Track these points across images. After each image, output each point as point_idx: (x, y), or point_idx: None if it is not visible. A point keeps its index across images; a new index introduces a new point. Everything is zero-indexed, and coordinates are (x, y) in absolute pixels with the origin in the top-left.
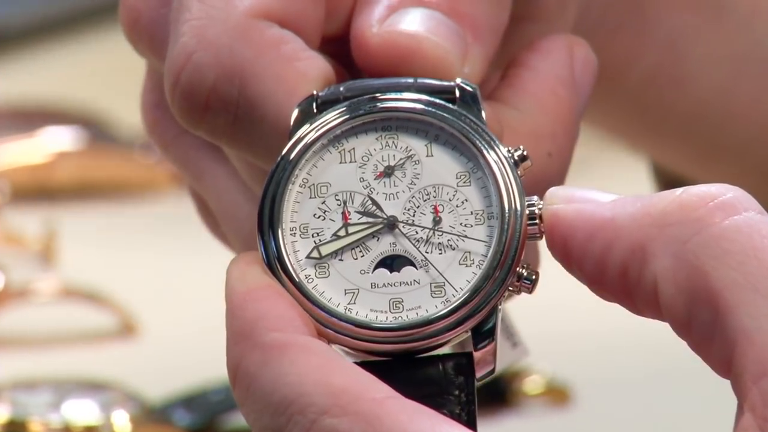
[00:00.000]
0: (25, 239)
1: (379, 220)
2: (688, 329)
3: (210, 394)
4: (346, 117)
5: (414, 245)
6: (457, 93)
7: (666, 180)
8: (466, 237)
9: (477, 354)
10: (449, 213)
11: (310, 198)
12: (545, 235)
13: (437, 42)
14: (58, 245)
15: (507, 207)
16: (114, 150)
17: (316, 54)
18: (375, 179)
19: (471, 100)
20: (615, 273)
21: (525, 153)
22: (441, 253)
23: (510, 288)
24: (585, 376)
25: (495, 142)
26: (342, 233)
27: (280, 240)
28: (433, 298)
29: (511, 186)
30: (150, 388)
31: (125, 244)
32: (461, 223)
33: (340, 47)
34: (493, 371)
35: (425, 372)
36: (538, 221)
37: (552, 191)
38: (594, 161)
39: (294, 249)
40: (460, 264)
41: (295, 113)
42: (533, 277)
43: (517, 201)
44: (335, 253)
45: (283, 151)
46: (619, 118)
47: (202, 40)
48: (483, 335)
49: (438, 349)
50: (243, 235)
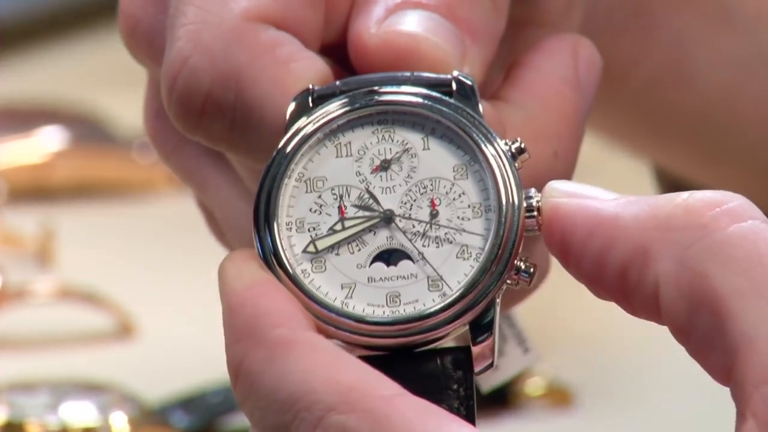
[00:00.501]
0: (23, 239)
1: (376, 214)
2: (688, 334)
3: (208, 395)
4: (342, 111)
5: (411, 239)
6: (454, 86)
7: (669, 184)
8: (463, 230)
9: (475, 348)
10: (446, 206)
11: (306, 192)
12: (543, 229)
13: (436, 42)
14: (55, 245)
15: (504, 200)
16: (112, 150)
17: (312, 54)
18: (371, 173)
19: (468, 93)
20: (614, 272)
21: (522, 145)
22: (438, 247)
23: (508, 281)
24: (586, 377)
25: (492, 134)
26: (338, 227)
27: (276, 235)
28: (431, 291)
29: (509, 179)
30: (148, 389)
31: (123, 244)
32: (458, 217)
33: (337, 54)
34: (492, 365)
35: (423, 367)
36: (536, 214)
37: (553, 184)
38: (596, 167)
39: (290, 243)
40: (457, 257)
41: (291, 107)
42: (531, 270)
43: (515, 194)
44: (332, 248)
45: (279, 146)
46: (624, 119)
47: (197, 44)
48: (481, 329)
49: (436, 344)
50: (247, 243)
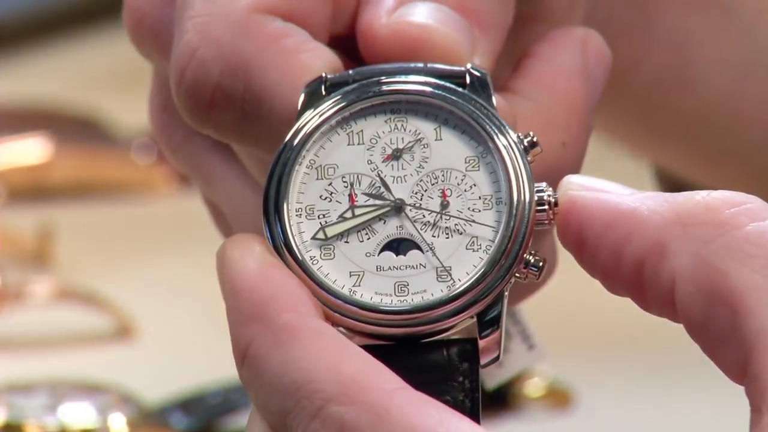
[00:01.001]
0: (21, 240)
1: (387, 202)
2: (703, 330)
3: (207, 396)
4: (354, 99)
5: (421, 229)
6: (467, 78)
7: (669, 185)
8: (473, 222)
9: (482, 341)
10: (457, 197)
11: (316, 179)
12: (558, 222)
13: (447, 32)
14: (54, 246)
15: (516, 193)
16: (111, 151)
17: (321, 45)
18: (383, 162)
19: (481, 85)
20: (630, 266)
21: (535, 139)
22: (448, 238)
23: (517, 275)
24: (587, 378)
25: (505, 127)
26: (348, 215)
27: (285, 221)
28: (439, 282)
29: (521, 172)
30: (147, 390)
31: (122, 245)
32: (469, 208)
33: (345, 46)
34: (498, 358)
35: (429, 357)
36: (547, 208)
37: (569, 178)
38: (596, 167)
39: (299, 230)
40: (467, 249)
41: (303, 95)
42: (540, 264)
43: (527, 187)
44: (341, 235)
45: (291, 132)
46: (625, 121)
47: (205, 36)
48: (488, 322)
49: (443, 335)
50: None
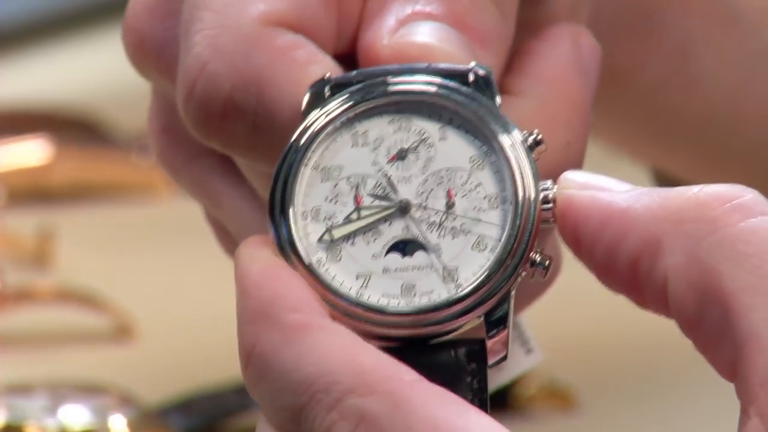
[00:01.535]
0: (22, 241)
1: (392, 203)
2: (696, 328)
3: (208, 398)
4: (358, 100)
5: (426, 230)
6: (471, 77)
7: (668, 185)
8: (479, 221)
9: (489, 341)
10: (462, 197)
11: (322, 181)
12: (557, 220)
13: (449, 51)
14: (54, 248)
15: (521, 192)
16: (111, 152)
17: (329, 57)
18: (388, 162)
19: (485, 83)
20: (625, 263)
21: (540, 137)
22: (454, 238)
23: (523, 274)
24: (589, 380)
25: (509, 125)
26: (354, 217)
27: (291, 223)
28: (446, 283)
29: (526, 170)
30: (147, 391)
31: (122, 246)
32: (474, 208)
33: (346, 65)
34: (505, 358)
35: (437, 358)
36: (552, 206)
37: (567, 175)
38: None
39: (306, 232)
40: (473, 249)
41: (307, 96)
42: (546, 263)
43: (532, 185)
44: (347, 237)
45: (295, 134)
46: (628, 122)
47: (215, 49)
48: (495, 322)
49: (450, 335)
50: None
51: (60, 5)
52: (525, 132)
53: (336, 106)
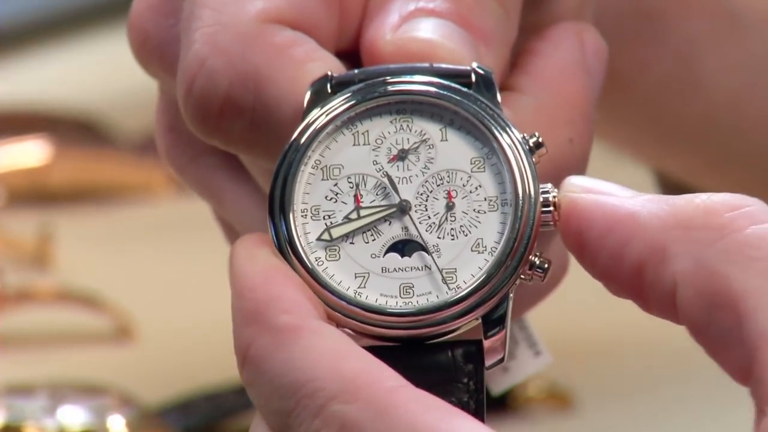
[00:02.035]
0: (21, 242)
1: (392, 204)
2: (706, 333)
3: (207, 398)
4: (360, 99)
5: (426, 230)
6: (473, 77)
7: (672, 190)
8: (479, 223)
9: (487, 342)
10: (462, 199)
11: (322, 180)
12: (560, 223)
13: (452, 48)
14: (54, 248)
15: (521, 194)
16: (110, 153)
17: (328, 54)
18: (388, 162)
19: (486, 84)
20: (630, 269)
21: (540, 140)
22: (453, 239)
23: (522, 276)
24: (587, 381)
25: (510, 127)
26: (354, 216)
27: (290, 221)
28: (444, 284)
29: (526, 173)
30: (146, 392)
31: (122, 247)
32: (474, 209)
33: (349, 61)
34: (503, 360)
35: (434, 359)
36: (552, 209)
37: (570, 179)
38: (599, 172)
39: (305, 231)
40: (472, 251)
41: (309, 94)
42: (545, 266)
43: (532, 188)
44: (346, 236)
45: (296, 132)
46: (632, 125)
47: (214, 46)
48: (493, 323)
49: (447, 336)
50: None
51: (60, 7)
52: (525, 134)
53: (337, 105)
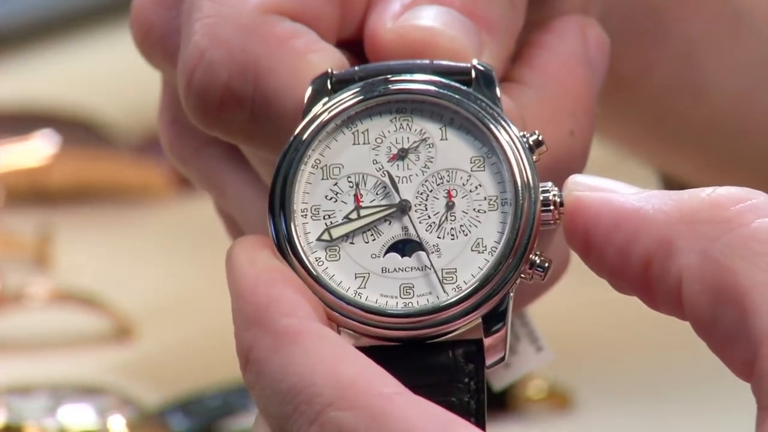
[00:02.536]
0: (21, 243)
1: (392, 203)
2: (710, 328)
3: (207, 399)
4: (360, 98)
5: (426, 230)
6: (473, 74)
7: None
8: (479, 223)
9: (487, 340)
10: (462, 198)
11: (322, 179)
12: (565, 222)
13: (453, 35)
14: (53, 249)
15: (521, 194)
16: (109, 153)
17: (329, 46)
18: (388, 162)
19: (486, 81)
20: (637, 265)
21: (540, 138)
22: (453, 239)
23: (522, 275)
24: (587, 381)
25: (510, 126)
26: (354, 216)
27: (291, 221)
28: (444, 284)
29: (526, 172)
30: (146, 392)
31: (121, 247)
32: (474, 209)
33: (354, 50)
34: (503, 359)
35: (435, 359)
36: (552, 208)
37: (574, 178)
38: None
39: (305, 231)
40: (472, 250)
41: (309, 91)
42: (546, 265)
43: (532, 188)
44: (346, 236)
45: (296, 131)
46: (636, 127)
47: (213, 38)
48: (494, 321)
49: (448, 336)
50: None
51: (60, 7)
52: (525, 132)
53: (337, 104)
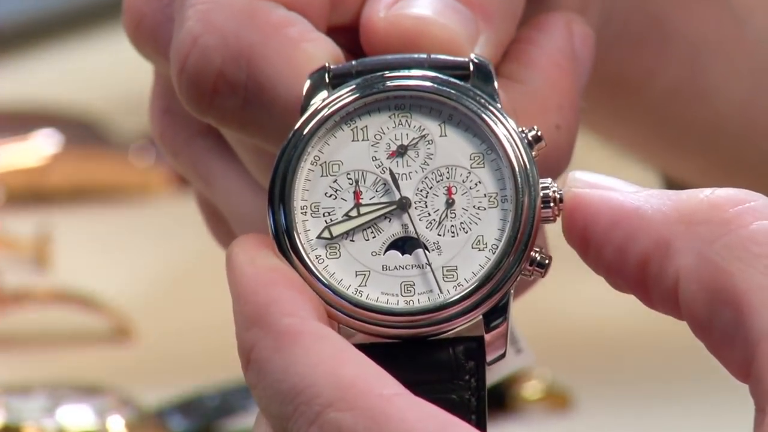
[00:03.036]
0: (20, 243)
1: (392, 201)
2: (707, 329)
3: (206, 399)
4: (358, 94)
5: (426, 227)
6: (471, 68)
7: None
8: (479, 220)
9: (488, 336)
10: (462, 195)
11: (321, 176)
12: (563, 219)
13: (445, 24)
14: (52, 248)
15: (521, 190)
16: (108, 153)
17: (322, 35)
18: (387, 158)
19: (485, 75)
20: (635, 263)
21: (539, 133)
22: (453, 236)
23: (523, 273)
24: (585, 381)
25: (509, 122)
26: (353, 213)
27: (291, 219)
28: (445, 282)
29: (526, 168)
30: (145, 393)
31: (120, 247)
32: (474, 206)
33: (351, 38)
34: (504, 355)
35: (436, 356)
36: (552, 204)
37: (574, 174)
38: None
39: (305, 228)
40: (472, 248)
41: (307, 84)
42: (546, 262)
43: (531, 184)
44: (346, 234)
45: (295, 128)
46: (640, 132)
47: (207, 24)
48: (494, 317)
49: (449, 333)
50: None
51: (60, 7)
52: (524, 128)
53: (336, 100)
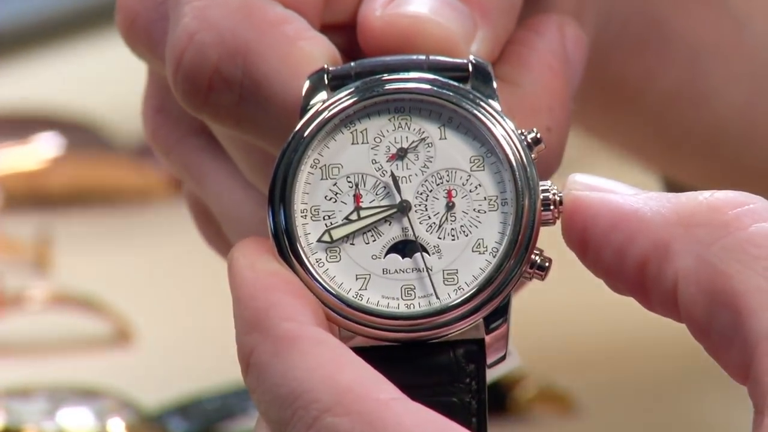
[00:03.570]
0: (20, 246)
1: (392, 204)
2: (706, 332)
3: (206, 401)
4: (358, 97)
5: (426, 231)
6: (470, 70)
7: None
8: (479, 223)
9: (488, 338)
10: (462, 198)
11: (321, 179)
12: (563, 221)
13: (440, 23)
14: (52, 252)
15: (521, 193)
16: (108, 157)
17: (319, 34)
18: (387, 161)
19: (484, 77)
20: (633, 266)
21: (539, 135)
22: (454, 240)
23: (523, 276)
24: (586, 383)
25: (508, 124)
26: (354, 217)
27: (291, 222)
28: (446, 285)
29: (526, 171)
30: (145, 395)
31: (120, 250)
32: (474, 209)
33: (345, 37)
34: (504, 358)
35: (436, 359)
36: (552, 207)
37: (574, 177)
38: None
39: (305, 231)
40: (473, 251)
41: (306, 86)
42: (546, 265)
43: (531, 187)
44: (347, 237)
45: (295, 130)
46: (640, 136)
47: (203, 21)
48: (494, 318)
49: (449, 336)
50: (245, 235)
51: (60, 10)
52: (524, 130)
53: (335, 103)
